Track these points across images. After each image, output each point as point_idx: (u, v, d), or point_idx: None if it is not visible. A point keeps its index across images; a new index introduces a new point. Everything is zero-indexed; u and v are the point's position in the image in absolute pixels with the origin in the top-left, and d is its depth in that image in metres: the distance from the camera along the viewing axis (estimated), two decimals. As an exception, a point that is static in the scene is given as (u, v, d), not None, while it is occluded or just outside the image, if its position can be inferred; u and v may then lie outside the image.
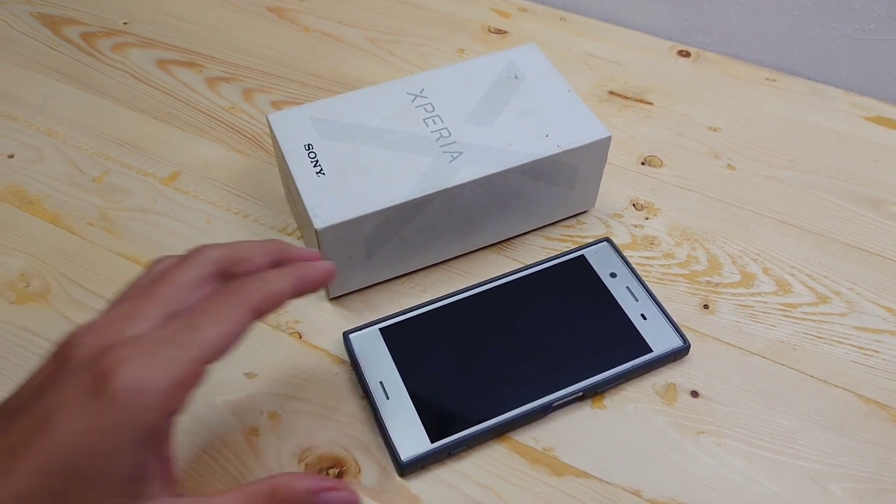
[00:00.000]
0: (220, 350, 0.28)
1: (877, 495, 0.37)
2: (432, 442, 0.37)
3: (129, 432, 0.25)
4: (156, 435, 0.26)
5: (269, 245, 0.32)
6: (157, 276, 0.30)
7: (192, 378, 0.26)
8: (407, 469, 0.36)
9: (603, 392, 0.40)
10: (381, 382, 0.39)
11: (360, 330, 0.41)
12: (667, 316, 0.42)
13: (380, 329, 0.41)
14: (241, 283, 0.29)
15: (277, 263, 0.32)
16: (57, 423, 0.25)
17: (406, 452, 0.36)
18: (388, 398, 0.38)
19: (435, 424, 0.37)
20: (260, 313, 0.29)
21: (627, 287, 0.43)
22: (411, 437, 0.37)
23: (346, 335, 0.41)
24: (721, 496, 0.37)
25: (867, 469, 0.38)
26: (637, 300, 0.42)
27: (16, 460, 0.24)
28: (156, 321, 0.27)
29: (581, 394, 0.39)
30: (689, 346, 0.41)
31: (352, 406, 0.40)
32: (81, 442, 0.24)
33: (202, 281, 0.29)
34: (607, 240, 0.45)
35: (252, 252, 0.31)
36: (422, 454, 0.36)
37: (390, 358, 0.40)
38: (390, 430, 0.37)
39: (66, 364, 0.26)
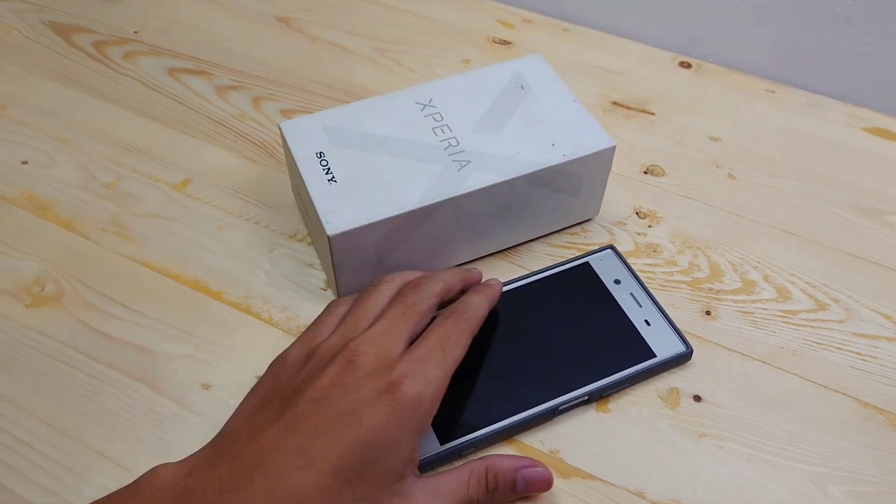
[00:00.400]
0: (457, 366, 0.35)
1: (876, 498, 0.38)
2: (441, 444, 0.38)
3: (412, 427, 0.33)
4: (423, 429, 0.33)
5: (457, 274, 0.41)
6: (400, 299, 0.37)
7: (444, 389, 0.34)
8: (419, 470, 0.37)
9: (608, 396, 0.41)
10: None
11: None
12: (670, 322, 0.43)
13: None
14: (463, 310, 0.38)
15: (465, 288, 0.41)
16: (362, 416, 0.32)
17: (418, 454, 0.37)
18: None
19: (444, 427, 0.38)
20: (476, 333, 0.38)
21: (631, 293, 0.44)
22: (421, 440, 0.38)
23: None
24: (723, 497, 0.38)
25: (866, 472, 0.39)
26: (641, 306, 0.43)
27: (327, 442, 0.31)
28: (407, 340, 0.36)
29: (587, 397, 0.40)
30: (692, 350, 0.42)
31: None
32: (380, 432, 0.31)
33: (432, 308, 0.38)
34: (611, 247, 0.46)
35: (451, 282, 0.40)
36: (432, 456, 0.37)
37: None
38: None
39: (357, 369, 0.33)
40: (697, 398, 0.41)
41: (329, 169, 0.43)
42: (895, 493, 0.38)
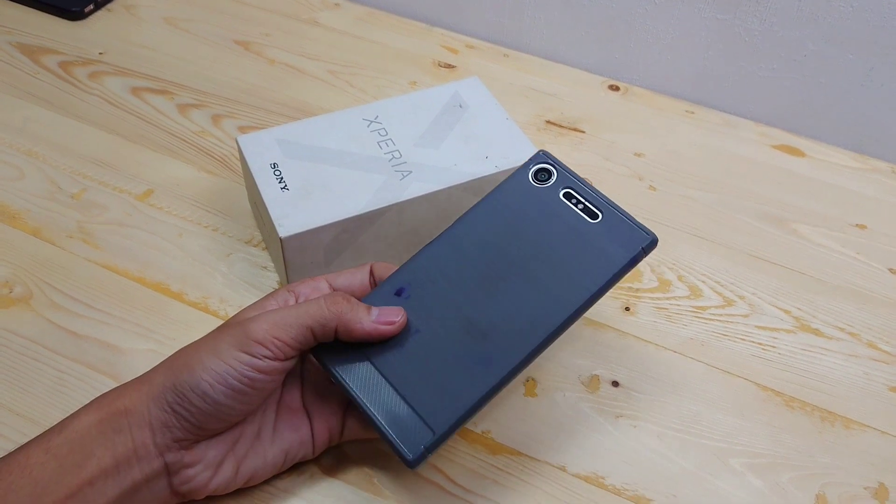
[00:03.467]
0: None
1: (770, 468, 0.43)
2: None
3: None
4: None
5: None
6: None
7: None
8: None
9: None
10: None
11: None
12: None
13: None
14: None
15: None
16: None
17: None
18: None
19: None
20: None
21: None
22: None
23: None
24: (635, 470, 0.42)
25: (762, 446, 0.44)
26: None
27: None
28: None
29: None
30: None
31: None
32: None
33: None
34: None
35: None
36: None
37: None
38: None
39: None
40: (615, 383, 0.46)
41: (282, 178, 0.47)
42: (787, 464, 0.43)
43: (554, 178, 0.41)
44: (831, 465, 0.43)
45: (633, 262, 0.39)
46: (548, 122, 0.63)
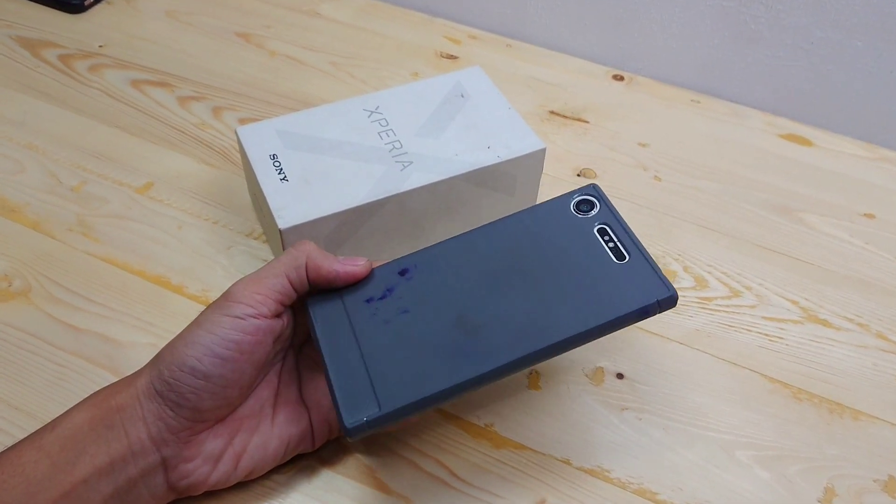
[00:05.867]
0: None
1: (777, 461, 0.42)
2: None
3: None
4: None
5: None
6: None
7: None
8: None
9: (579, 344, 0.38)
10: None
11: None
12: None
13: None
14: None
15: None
16: None
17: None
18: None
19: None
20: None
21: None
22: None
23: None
24: (641, 463, 0.42)
25: (769, 438, 0.43)
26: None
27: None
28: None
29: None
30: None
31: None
32: None
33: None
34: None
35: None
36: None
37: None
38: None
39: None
40: (620, 376, 0.45)
41: (282, 169, 0.46)
42: (794, 456, 0.42)
43: (595, 211, 0.41)
44: (840, 457, 0.42)
45: (645, 311, 0.37)
46: (551, 112, 0.62)
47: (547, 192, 0.55)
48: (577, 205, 0.41)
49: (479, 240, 0.40)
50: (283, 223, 0.43)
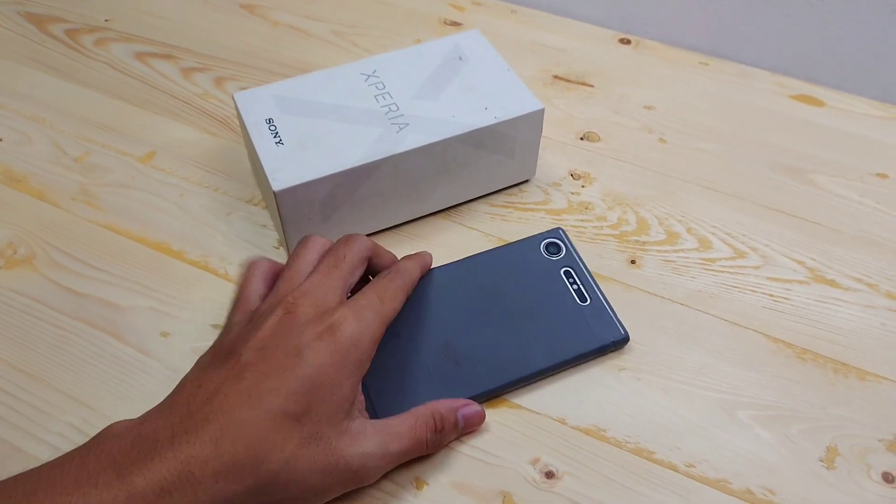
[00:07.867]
0: (393, 318, 0.38)
1: (779, 420, 0.41)
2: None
3: (352, 366, 0.35)
4: (363, 369, 0.36)
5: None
6: (331, 253, 0.39)
7: (381, 335, 0.37)
8: None
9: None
10: None
11: None
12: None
13: None
14: (398, 270, 0.41)
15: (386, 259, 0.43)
16: (304, 356, 0.34)
17: None
18: None
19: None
20: (410, 293, 0.41)
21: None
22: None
23: None
24: (638, 422, 0.41)
25: (770, 398, 0.42)
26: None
27: (273, 383, 0.33)
28: (342, 292, 0.38)
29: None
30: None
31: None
32: (322, 371, 0.34)
33: (363, 262, 0.40)
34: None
35: (375, 245, 0.41)
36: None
37: None
38: None
39: (296, 318, 0.35)
40: (619, 336, 0.45)
41: (277, 133, 0.46)
42: (796, 416, 0.42)
43: (562, 254, 0.46)
44: (844, 417, 0.42)
45: (602, 349, 0.43)
46: (555, 76, 0.62)
47: (549, 156, 0.54)
48: (546, 247, 0.47)
49: (465, 271, 0.45)
50: (277, 185, 0.43)
